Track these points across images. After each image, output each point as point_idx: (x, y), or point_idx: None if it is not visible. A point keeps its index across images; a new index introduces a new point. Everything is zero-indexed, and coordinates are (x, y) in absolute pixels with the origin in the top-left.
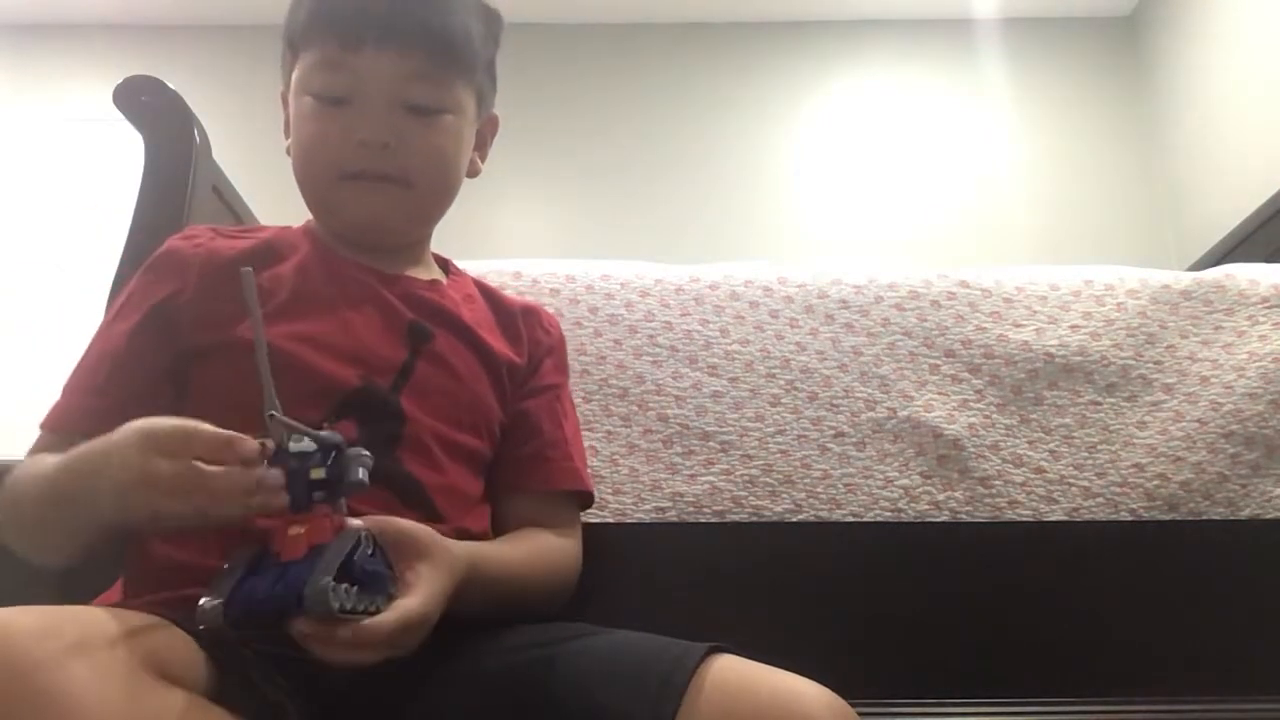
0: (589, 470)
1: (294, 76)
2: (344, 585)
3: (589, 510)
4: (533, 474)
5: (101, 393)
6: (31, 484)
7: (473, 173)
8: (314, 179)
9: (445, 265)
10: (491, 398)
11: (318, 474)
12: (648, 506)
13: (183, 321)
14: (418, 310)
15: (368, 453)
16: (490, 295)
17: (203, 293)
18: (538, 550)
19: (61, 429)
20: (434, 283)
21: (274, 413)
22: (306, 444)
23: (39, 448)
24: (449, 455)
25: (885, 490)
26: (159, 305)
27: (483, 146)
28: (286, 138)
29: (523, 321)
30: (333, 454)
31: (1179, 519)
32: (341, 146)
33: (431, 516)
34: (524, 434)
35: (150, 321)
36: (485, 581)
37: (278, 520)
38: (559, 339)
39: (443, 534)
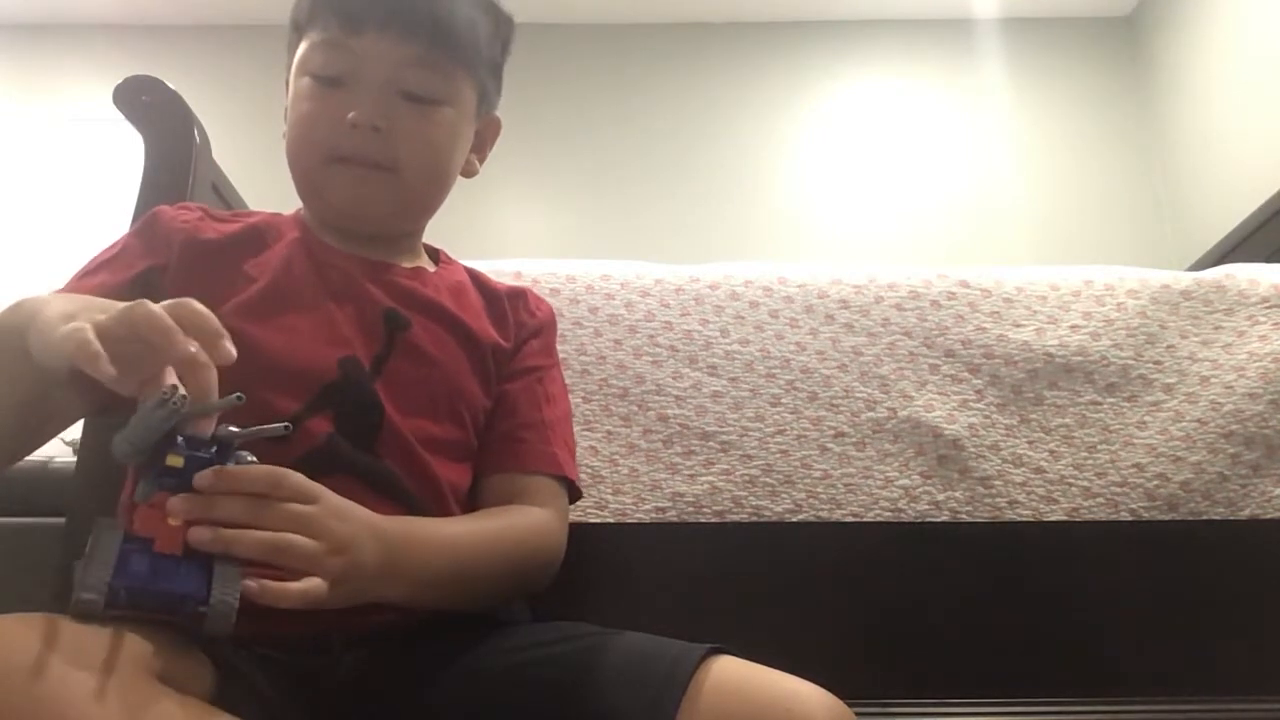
0: (586, 466)
1: (295, 57)
2: None
3: (590, 510)
4: (506, 455)
5: None
6: None
7: (469, 173)
8: (303, 159)
9: (435, 254)
10: (475, 384)
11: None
12: (648, 506)
13: (159, 297)
14: (396, 298)
15: (253, 457)
16: (479, 281)
17: (179, 272)
18: (505, 524)
19: None
20: (417, 270)
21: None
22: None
23: None
24: (427, 446)
25: (885, 490)
26: (142, 274)
27: (481, 148)
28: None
29: (509, 304)
30: (231, 454)
31: (1179, 519)
32: (333, 127)
33: (410, 508)
34: (501, 415)
35: (132, 287)
36: (429, 548)
37: (145, 507)
38: (546, 321)
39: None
